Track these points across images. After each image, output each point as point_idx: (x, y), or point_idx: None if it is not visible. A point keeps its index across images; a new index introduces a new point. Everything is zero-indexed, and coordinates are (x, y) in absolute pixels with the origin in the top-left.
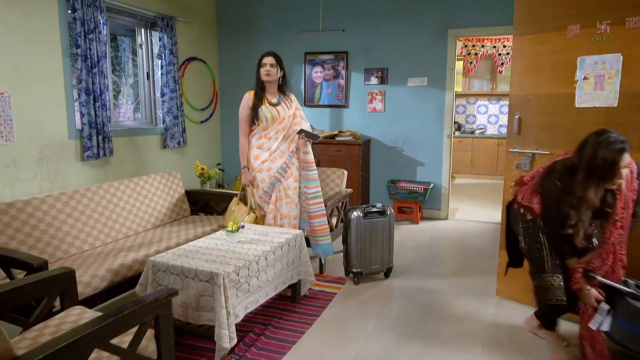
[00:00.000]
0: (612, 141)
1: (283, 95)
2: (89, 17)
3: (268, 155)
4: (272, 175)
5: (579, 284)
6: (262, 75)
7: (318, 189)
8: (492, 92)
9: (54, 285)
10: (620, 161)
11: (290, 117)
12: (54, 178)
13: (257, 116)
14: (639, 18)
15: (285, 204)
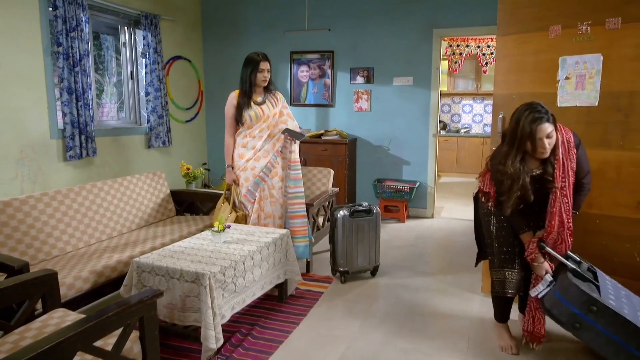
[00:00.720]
0: (532, 112)
1: (269, 93)
2: (70, 14)
3: (252, 154)
4: (257, 174)
5: (533, 255)
6: (259, 80)
7: (301, 189)
8: (477, 91)
9: (35, 288)
10: (538, 132)
11: (275, 115)
12: (36, 178)
13: (241, 118)
14: (618, 19)
15: (269, 204)
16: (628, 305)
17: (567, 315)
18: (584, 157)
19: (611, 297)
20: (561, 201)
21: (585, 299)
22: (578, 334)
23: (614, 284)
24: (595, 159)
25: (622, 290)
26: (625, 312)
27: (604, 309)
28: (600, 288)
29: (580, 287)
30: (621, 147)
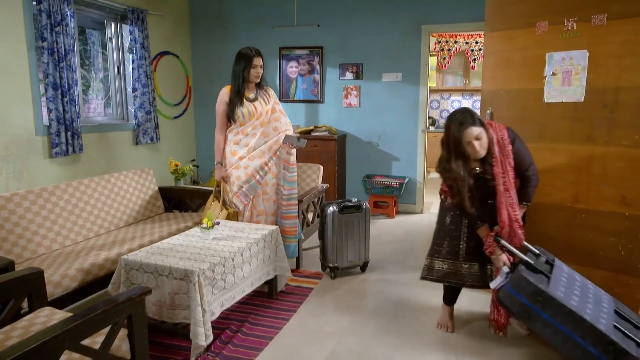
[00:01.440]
0: (459, 118)
1: (260, 89)
2: (55, 9)
3: (246, 152)
4: (249, 173)
5: (491, 249)
6: (252, 76)
7: (295, 190)
8: (465, 87)
9: (21, 286)
10: (465, 136)
11: (267, 112)
12: (21, 176)
13: (234, 115)
14: (603, 16)
15: (262, 201)
16: (580, 297)
17: (518, 305)
18: (522, 151)
19: (561, 289)
20: (505, 196)
21: (532, 289)
22: (530, 324)
23: (572, 276)
24: (581, 154)
25: (578, 282)
26: (572, 303)
27: (550, 299)
28: (551, 280)
29: (528, 279)
30: (606, 143)
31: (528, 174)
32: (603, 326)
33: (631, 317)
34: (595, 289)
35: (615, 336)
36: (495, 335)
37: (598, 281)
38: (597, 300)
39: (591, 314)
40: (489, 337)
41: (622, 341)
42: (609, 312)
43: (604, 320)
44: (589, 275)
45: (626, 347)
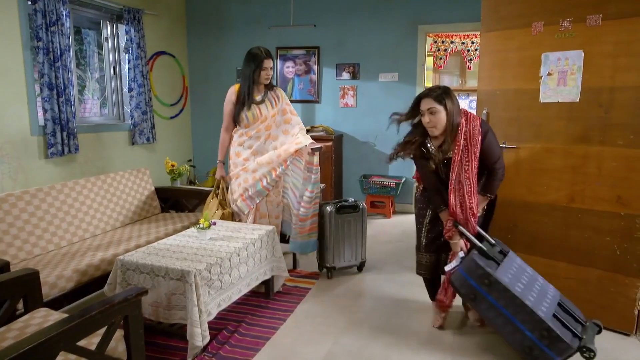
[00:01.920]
0: (429, 87)
1: (269, 90)
2: (50, 8)
3: (250, 155)
4: (257, 177)
5: (450, 233)
6: (262, 79)
7: (318, 190)
8: (462, 87)
9: (16, 288)
10: (421, 104)
11: (273, 116)
12: (16, 176)
13: (238, 118)
14: (598, 16)
15: (265, 203)
16: (525, 286)
17: (466, 287)
18: (493, 145)
19: (508, 276)
20: (464, 183)
21: (481, 273)
22: (475, 306)
23: (522, 267)
24: (576, 154)
25: (527, 274)
26: (516, 289)
27: (496, 283)
28: (500, 266)
29: (478, 262)
30: (602, 143)
31: (495, 167)
32: (542, 313)
33: (574, 312)
34: (543, 282)
35: (552, 324)
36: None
37: (594, 280)
38: (543, 292)
39: (533, 301)
40: (485, 336)
41: (558, 329)
42: (552, 303)
43: (544, 309)
44: (585, 274)
45: (560, 334)
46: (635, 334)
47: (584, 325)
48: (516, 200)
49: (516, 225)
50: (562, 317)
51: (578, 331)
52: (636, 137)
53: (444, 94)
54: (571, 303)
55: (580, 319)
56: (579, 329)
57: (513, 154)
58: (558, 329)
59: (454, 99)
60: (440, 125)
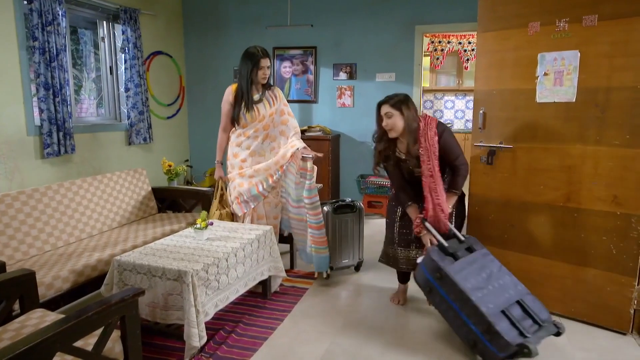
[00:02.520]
0: (389, 95)
1: (267, 89)
2: (46, 8)
3: (247, 155)
4: (253, 183)
5: (418, 229)
6: (259, 78)
7: (316, 198)
8: (459, 87)
9: (12, 288)
10: (378, 111)
11: (271, 115)
12: (12, 176)
13: (237, 118)
14: (594, 16)
15: (262, 204)
16: (479, 282)
17: (423, 280)
18: (451, 143)
19: (461, 271)
20: (429, 181)
21: (434, 266)
22: (430, 298)
23: (485, 265)
24: (573, 154)
25: (488, 271)
26: (466, 285)
27: (446, 277)
28: (456, 262)
29: (432, 257)
30: (598, 142)
31: (456, 164)
32: (486, 309)
33: (534, 312)
34: (508, 280)
35: (495, 320)
36: None
37: (590, 279)
38: (501, 289)
39: (481, 297)
40: None
41: (500, 326)
42: (507, 301)
43: (491, 305)
44: (581, 273)
45: (501, 331)
46: (631, 333)
47: (541, 325)
48: (513, 200)
49: (513, 225)
50: (513, 314)
51: (527, 330)
52: (632, 137)
53: (400, 101)
54: (536, 302)
55: (539, 319)
56: (533, 328)
57: (510, 154)
58: (501, 325)
59: (411, 106)
60: (397, 128)
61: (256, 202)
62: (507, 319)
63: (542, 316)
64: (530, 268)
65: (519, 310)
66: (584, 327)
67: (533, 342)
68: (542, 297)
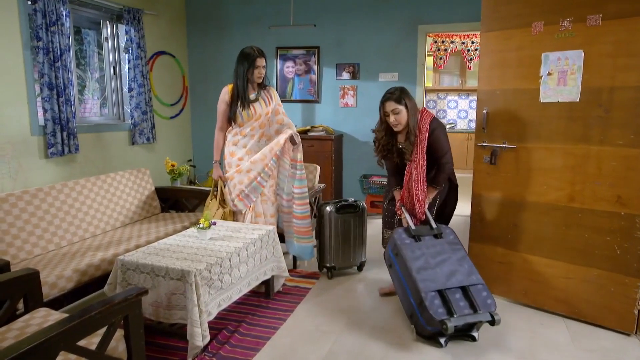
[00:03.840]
0: (388, 90)
1: (262, 89)
2: (50, 8)
3: (244, 154)
4: (252, 177)
5: (399, 211)
6: (255, 77)
7: (305, 189)
8: (462, 87)
9: (16, 287)
10: (384, 107)
11: (267, 114)
12: (16, 176)
13: (234, 116)
14: (599, 16)
15: (260, 202)
16: (430, 263)
17: (387, 256)
18: (440, 141)
19: (417, 251)
20: (412, 172)
21: (394, 244)
22: (390, 273)
23: (444, 250)
24: (576, 153)
25: (444, 256)
26: (414, 262)
27: (401, 254)
28: (414, 243)
29: (394, 235)
30: (601, 142)
31: (442, 162)
32: (423, 285)
33: (475, 299)
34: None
35: (428, 296)
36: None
37: (593, 280)
38: (449, 273)
39: (424, 275)
40: (484, 336)
41: (431, 302)
42: (450, 284)
43: (430, 283)
44: (585, 274)
45: (429, 306)
46: (636, 334)
47: (476, 311)
48: (516, 200)
49: (516, 225)
50: (449, 296)
51: (457, 312)
52: (636, 137)
53: (402, 94)
54: (482, 294)
55: (478, 306)
56: (466, 312)
57: (513, 154)
58: (431, 301)
59: (411, 97)
60: (404, 121)
61: (256, 195)
62: (440, 298)
63: (482, 306)
64: (533, 268)
65: (459, 295)
66: (587, 327)
67: (455, 322)
68: (545, 298)
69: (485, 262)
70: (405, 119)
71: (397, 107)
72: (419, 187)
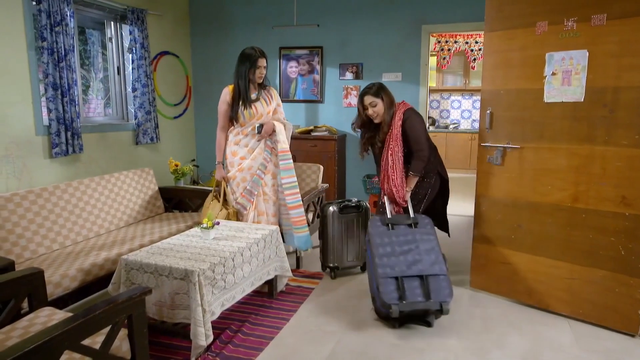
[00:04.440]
0: (367, 86)
1: (263, 89)
2: (54, 9)
3: (246, 153)
4: (254, 174)
5: (383, 199)
6: (256, 77)
7: (293, 179)
8: (465, 87)
9: (21, 287)
10: (363, 101)
11: (269, 113)
12: (21, 176)
13: (235, 116)
14: (603, 15)
15: (262, 201)
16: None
17: (364, 241)
18: (414, 129)
19: (384, 239)
20: (388, 158)
21: (368, 231)
22: (366, 255)
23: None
24: (580, 154)
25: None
26: (379, 249)
27: (371, 240)
28: (386, 231)
29: (369, 223)
30: (606, 142)
31: (415, 149)
32: (382, 270)
33: (430, 289)
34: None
35: (384, 280)
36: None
37: (598, 281)
38: (412, 261)
39: (385, 260)
40: (489, 337)
41: (385, 287)
42: (410, 272)
43: (389, 269)
44: (589, 274)
45: (382, 290)
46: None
47: (428, 299)
48: (520, 201)
49: (520, 226)
50: (404, 282)
51: (408, 297)
52: None
53: (379, 89)
54: (439, 284)
55: (430, 294)
56: (418, 299)
57: (517, 154)
58: (385, 286)
59: (388, 92)
60: (381, 113)
61: (257, 189)
62: (395, 284)
63: (435, 295)
64: (537, 269)
65: (417, 283)
66: (591, 328)
67: (402, 307)
68: (549, 298)
69: (489, 263)
70: (382, 111)
71: (374, 100)
72: (395, 173)
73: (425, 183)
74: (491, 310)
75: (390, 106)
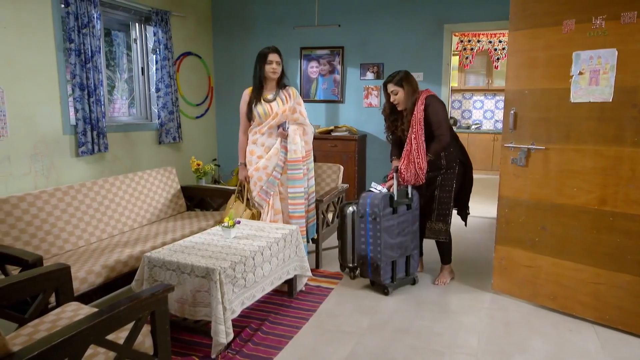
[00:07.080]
0: (391, 74)
1: (281, 89)
2: (82, 11)
3: (263, 152)
4: (270, 174)
5: (390, 174)
6: (268, 72)
7: (300, 189)
8: (488, 87)
9: (49, 282)
10: (387, 87)
11: (284, 112)
12: (49, 174)
13: (251, 115)
14: (634, 13)
15: (278, 200)
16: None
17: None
18: (434, 113)
19: (389, 222)
20: (412, 142)
21: (374, 211)
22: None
23: (405, 220)
24: (608, 155)
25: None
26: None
27: (379, 222)
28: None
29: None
30: (635, 144)
31: (436, 134)
32: (384, 256)
33: (410, 267)
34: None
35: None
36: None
37: (625, 286)
38: (406, 246)
39: (387, 245)
40: (511, 341)
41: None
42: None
43: (391, 254)
44: (615, 279)
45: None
46: None
47: (407, 275)
48: (544, 202)
49: (544, 228)
50: (397, 266)
51: (397, 278)
52: None
53: (401, 78)
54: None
55: (410, 272)
56: (401, 276)
57: (541, 155)
58: (385, 270)
59: (411, 81)
60: (403, 101)
61: (273, 189)
62: (391, 265)
63: (412, 271)
64: (562, 272)
65: (402, 261)
66: (618, 334)
67: (392, 286)
68: (574, 303)
69: (512, 266)
70: (404, 98)
71: (395, 88)
72: (420, 156)
73: (449, 174)
74: (513, 314)
75: (413, 94)
